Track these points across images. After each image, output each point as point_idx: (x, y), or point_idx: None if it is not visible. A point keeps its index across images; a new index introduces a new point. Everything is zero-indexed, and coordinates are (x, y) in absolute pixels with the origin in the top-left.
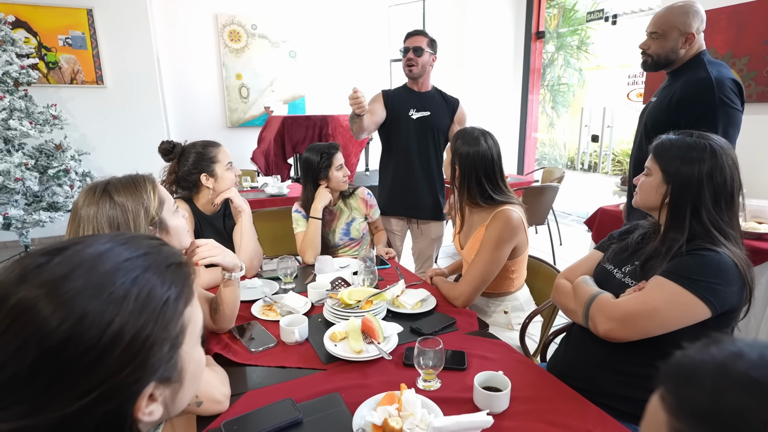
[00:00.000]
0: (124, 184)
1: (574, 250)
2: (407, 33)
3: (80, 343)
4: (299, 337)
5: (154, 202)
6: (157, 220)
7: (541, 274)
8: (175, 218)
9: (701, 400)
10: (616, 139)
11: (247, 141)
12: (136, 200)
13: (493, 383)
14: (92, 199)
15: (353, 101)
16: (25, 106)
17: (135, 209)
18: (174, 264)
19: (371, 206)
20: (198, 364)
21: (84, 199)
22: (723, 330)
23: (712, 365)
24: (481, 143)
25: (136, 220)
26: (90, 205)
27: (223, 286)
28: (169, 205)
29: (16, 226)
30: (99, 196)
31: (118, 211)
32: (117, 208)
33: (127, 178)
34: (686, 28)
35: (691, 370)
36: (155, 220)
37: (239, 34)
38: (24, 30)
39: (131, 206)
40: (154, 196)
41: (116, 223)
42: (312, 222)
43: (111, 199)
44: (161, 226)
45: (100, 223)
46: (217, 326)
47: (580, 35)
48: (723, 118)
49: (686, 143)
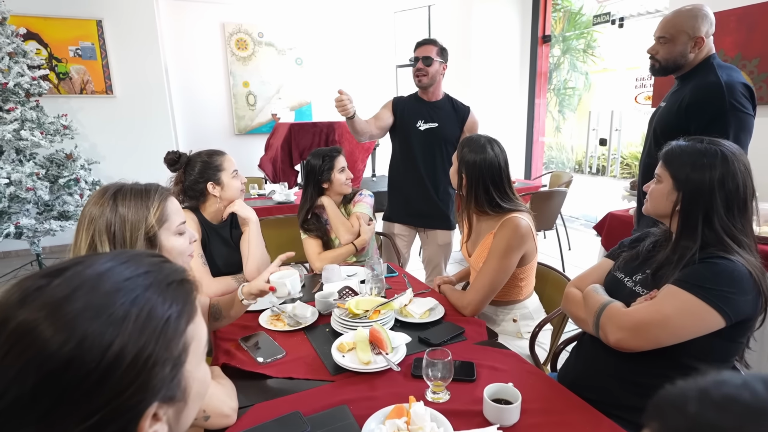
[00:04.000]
0: (133, 194)
1: (583, 255)
2: (417, 42)
3: (81, 366)
4: (291, 290)
5: (153, 218)
6: (152, 235)
7: (551, 281)
8: (174, 239)
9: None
10: (624, 142)
11: (255, 148)
12: (138, 213)
13: (503, 395)
14: (99, 200)
15: (337, 103)
16: (36, 116)
17: (134, 221)
18: (175, 282)
19: (357, 202)
20: (203, 381)
21: (94, 197)
22: (738, 340)
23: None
24: (488, 151)
25: (133, 232)
26: (95, 205)
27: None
28: (171, 224)
29: (27, 235)
30: (106, 199)
31: (117, 219)
32: (117, 216)
33: (139, 188)
34: (695, 32)
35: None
36: (150, 235)
37: (246, 42)
38: (35, 42)
39: (131, 217)
40: (156, 212)
41: (112, 230)
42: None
43: (115, 205)
44: (153, 244)
45: (98, 225)
46: (212, 328)
47: (586, 38)
48: (734, 123)
49: (697, 149)
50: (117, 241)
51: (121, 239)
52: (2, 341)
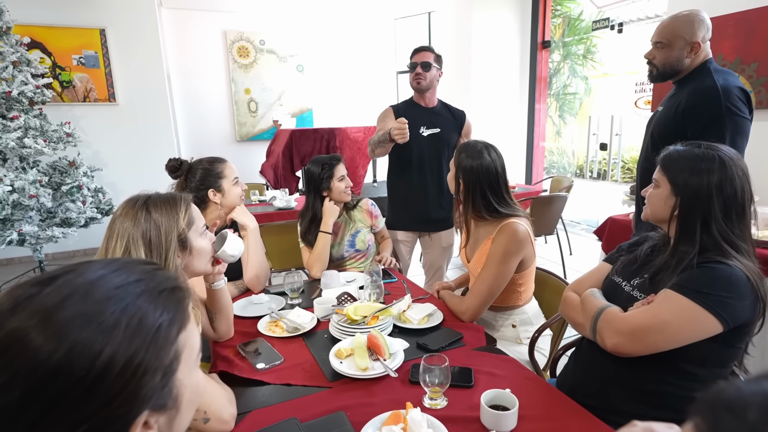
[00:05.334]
0: (163, 201)
1: (584, 260)
2: (414, 49)
3: (70, 374)
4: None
5: (183, 221)
6: (184, 237)
7: (550, 286)
8: (201, 239)
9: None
10: (625, 146)
11: (256, 154)
12: (170, 218)
13: (500, 401)
14: (131, 211)
15: (400, 132)
16: (39, 124)
17: (168, 226)
18: (167, 289)
19: (375, 216)
20: (195, 389)
21: (122, 210)
22: (736, 345)
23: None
24: (485, 156)
25: (167, 235)
26: (127, 216)
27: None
28: (197, 226)
29: (30, 242)
30: (138, 209)
31: (152, 226)
32: (152, 223)
33: (167, 196)
34: (692, 38)
35: (732, 401)
36: (182, 237)
37: (248, 49)
38: (39, 50)
39: (165, 222)
40: (185, 215)
41: (148, 236)
42: (321, 237)
43: (149, 214)
44: (184, 245)
45: (134, 236)
46: (218, 334)
47: (586, 44)
48: (730, 127)
49: (695, 154)
50: (153, 245)
51: (157, 244)
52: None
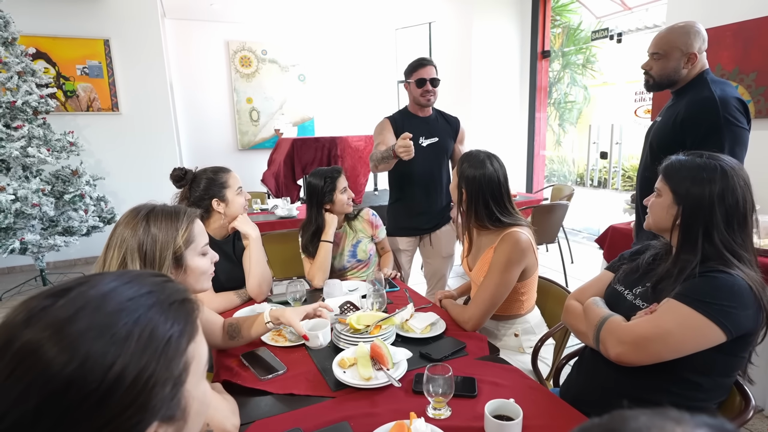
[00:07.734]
0: (165, 215)
1: (585, 269)
2: (419, 63)
3: (83, 386)
4: (323, 341)
5: (181, 239)
6: (180, 255)
7: (552, 295)
8: (198, 259)
9: None
10: (625, 155)
11: (258, 163)
12: (168, 233)
13: (504, 411)
14: (132, 221)
15: (404, 149)
16: (43, 133)
17: (164, 241)
18: (177, 301)
19: (377, 227)
20: (202, 400)
21: (125, 218)
22: (740, 354)
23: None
24: (487, 166)
25: (162, 251)
26: (127, 225)
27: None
28: (197, 244)
29: (32, 250)
30: (139, 220)
31: (149, 239)
32: (149, 237)
33: (170, 210)
34: (688, 48)
35: None
36: (177, 255)
37: (250, 59)
38: (44, 61)
39: (161, 237)
40: (184, 233)
41: (144, 249)
42: (323, 246)
43: (148, 226)
44: (179, 263)
45: (131, 247)
46: (227, 347)
47: (585, 54)
48: (729, 137)
49: (696, 164)
50: (148, 259)
51: (151, 258)
52: (6, 361)
